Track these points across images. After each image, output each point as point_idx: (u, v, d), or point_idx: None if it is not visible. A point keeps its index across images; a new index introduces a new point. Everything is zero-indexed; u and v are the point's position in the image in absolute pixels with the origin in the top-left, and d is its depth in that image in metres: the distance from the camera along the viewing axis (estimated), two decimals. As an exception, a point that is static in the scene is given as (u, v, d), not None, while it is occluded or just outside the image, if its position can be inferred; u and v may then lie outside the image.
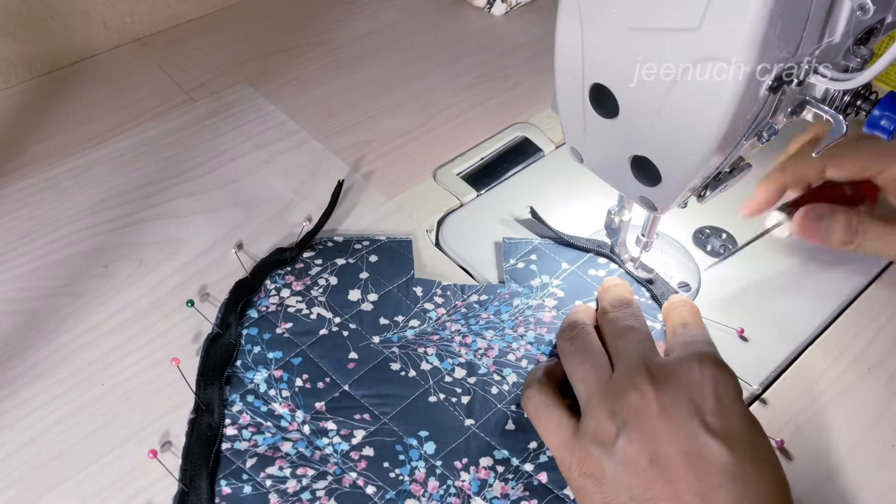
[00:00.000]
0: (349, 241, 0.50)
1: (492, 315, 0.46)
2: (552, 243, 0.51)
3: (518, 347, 0.45)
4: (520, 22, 0.74)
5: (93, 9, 0.66)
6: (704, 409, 0.35)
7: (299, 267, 0.48)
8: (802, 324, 0.47)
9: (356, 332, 0.45)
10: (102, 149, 0.59)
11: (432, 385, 0.43)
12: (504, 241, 0.50)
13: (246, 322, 0.45)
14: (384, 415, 0.41)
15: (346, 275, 0.48)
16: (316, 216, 0.53)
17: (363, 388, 0.42)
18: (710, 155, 0.34)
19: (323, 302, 0.46)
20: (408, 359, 0.44)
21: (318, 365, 0.43)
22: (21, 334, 0.46)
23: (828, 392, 0.43)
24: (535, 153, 0.59)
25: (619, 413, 0.36)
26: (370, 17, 0.74)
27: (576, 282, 0.48)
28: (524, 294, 0.47)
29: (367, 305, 0.46)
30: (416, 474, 0.39)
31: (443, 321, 0.46)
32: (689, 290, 0.48)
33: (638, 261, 0.49)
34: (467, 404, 0.42)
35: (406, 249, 0.50)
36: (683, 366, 0.37)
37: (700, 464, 0.33)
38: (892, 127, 0.35)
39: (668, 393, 0.36)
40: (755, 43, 0.29)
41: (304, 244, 0.49)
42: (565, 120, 0.41)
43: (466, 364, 0.44)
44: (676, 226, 0.52)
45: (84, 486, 0.39)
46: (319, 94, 0.64)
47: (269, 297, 0.46)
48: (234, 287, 0.47)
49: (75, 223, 0.53)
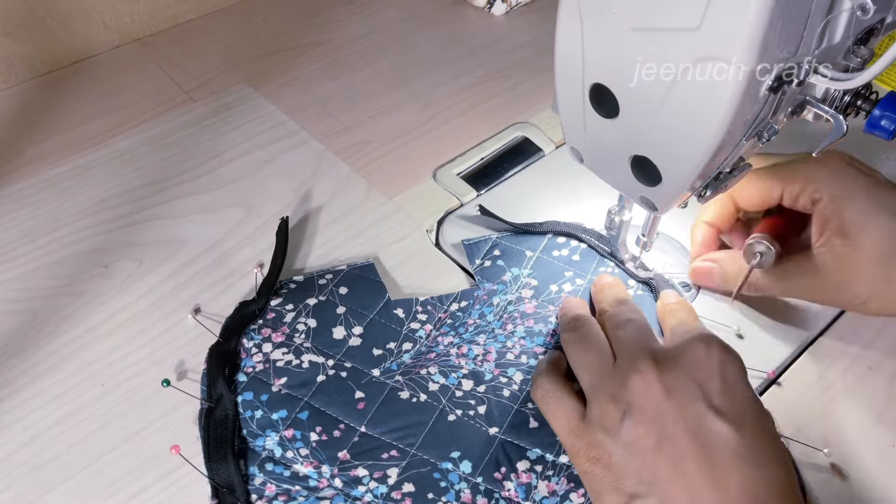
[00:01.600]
0: (311, 278, 0.47)
1: (477, 319, 0.46)
2: (510, 234, 0.51)
3: (513, 345, 0.44)
4: (520, 22, 0.74)
5: (93, 9, 0.66)
6: (710, 390, 0.35)
7: (271, 317, 0.45)
8: (802, 324, 0.47)
9: (354, 370, 0.43)
10: (102, 149, 0.59)
11: (446, 404, 0.42)
12: (463, 244, 0.50)
13: (237, 388, 0.42)
14: (411, 446, 0.40)
15: (322, 314, 0.46)
16: (315, 217, 0.53)
17: (380, 426, 0.41)
18: (711, 155, 0.34)
19: (310, 347, 0.44)
20: (414, 384, 0.42)
21: (328, 413, 0.41)
22: (21, 334, 0.46)
23: (828, 392, 0.43)
24: (535, 153, 0.59)
25: (623, 397, 0.36)
26: (370, 17, 0.74)
27: (544, 267, 0.49)
28: (500, 291, 0.47)
29: (354, 340, 0.44)
30: (463, 496, 0.38)
31: (433, 337, 0.45)
32: (689, 290, 0.48)
33: (638, 261, 0.49)
34: (485, 414, 0.41)
35: (371, 273, 0.48)
36: (689, 347, 0.37)
37: (708, 445, 0.33)
38: (893, 127, 0.35)
39: (673, 374, 0.36)
40: (755, 43, 0.29)
41: (268, 292, 0.46)
42: (565, 120, 0.41)
43: (471, 374, 0.43)
44: (676, 226, 0.52)
45: (84, 486, 0.39)
46: (319, 94, 0.64)
47: (252, 356, 0.43)
48: (210, 354, 0.43)
49: (75, 223, 0.53)
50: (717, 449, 0.33)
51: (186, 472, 0.40)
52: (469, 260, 0.49)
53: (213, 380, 0.42)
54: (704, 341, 0.37)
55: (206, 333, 0.45)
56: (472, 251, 0.50)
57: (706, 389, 0.35)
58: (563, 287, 0.47)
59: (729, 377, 0.36)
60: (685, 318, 0.42)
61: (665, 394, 0.35)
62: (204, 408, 0.41)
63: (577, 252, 0.49)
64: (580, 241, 0.50)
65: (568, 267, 0.49)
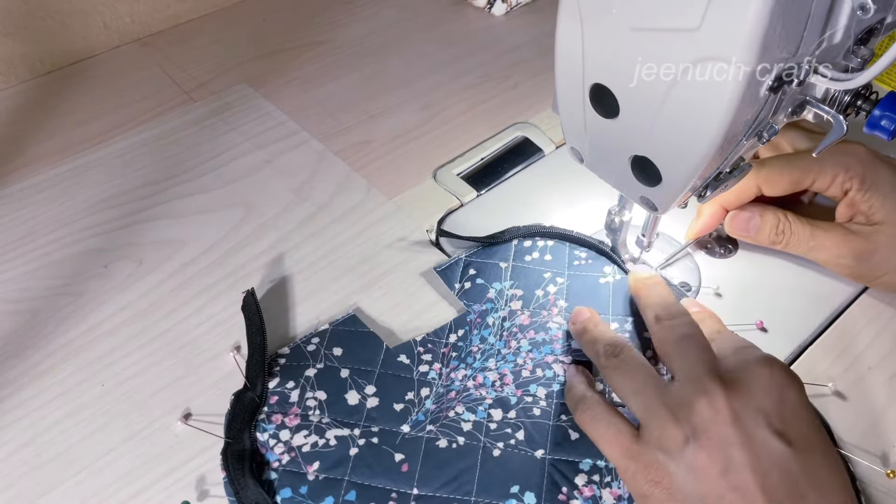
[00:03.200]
0: (297, 347, 0.44)
1: (480, 344, 0.45)
2: (478, 250, 0.50)
3: (524, 362, 0.44)
4: (520, 22, 0.74)
5: (93, 9, 0.66)
6: (776, 416, 0.35)
7: (275, 401, 0.42)
8: (802, 324, 0.47)
9: (383, 432, 0.41)
10: (102, 149, 0.59)
11: (485, 440, 0.41)
12: (436, 272, 0.49)
13: (271, 488, 0.39)
14: (469, 494, 0.39)
15: (328, 382, 0.43)
16: (315, 217, 0.53)
17: (431, 482, 0.39)
18: (711, 155, 0.34)
19: (330, 422, 0.41)
20: (448, 429, 0.41)
21: (375, 486, 0.39)
22: (21, 334, 0.46)
23: (828, 392, 0.43)
24: (535, 153, 0.59)
25: (688, 419, 0.35)
26: (370, 17, 0.74)
27: (523, 274, 0.48)
28: (491, 310, 0.47)
29: (372, 401, 0.42)
30: None
31: (446, 375, 0.44)
32: (689, 290, 0.48)
33: (638, 261, 0.49)
34: (526, 439, 0.41)
35: (357, 325, 0.46)
36: (753, 371, 0.37)
37: (776, 473, 0.33)
38: (893, 127, 0.35)
39: (739, 399, 0.35)
40: (755, 43, 0.29)
41: (261, 375, 0.42)
42: (565, 120, 0.41)
43: (496, 402, 0.42)
44: (676, 226, 0.52)
45: (84, 486, 0.39)
46: (319, 94, 0.64)
47: (273, 449, 0.40)
48: (225, 459, 0.39)
49: (75, 223, 0.53)
50: (783, 476, 0.33)
51: (186, 472, 0.40)
52: (448, 285, 0.48)
53: (241, 487, 0.38)
54: (768, 365, 0.37)
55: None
56: (446, 276, 0.49)
57: (772, 416, 0.35)
58: (547, 290, 0.47)
59: (793, 403, 0.36)
60: (719, 326, 0.43)
61: (732, 420, 0.35)
62: None
63: (547, 251, 0.50)
64: (546, 239, 0.50)
65: (544, 269, 0.49)
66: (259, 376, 0.42)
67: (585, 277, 0.48)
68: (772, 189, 0.47)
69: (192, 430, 0.41)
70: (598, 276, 0.48)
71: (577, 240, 0.50)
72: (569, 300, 0.47)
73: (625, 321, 0.46)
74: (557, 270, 0.49)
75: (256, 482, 0.38)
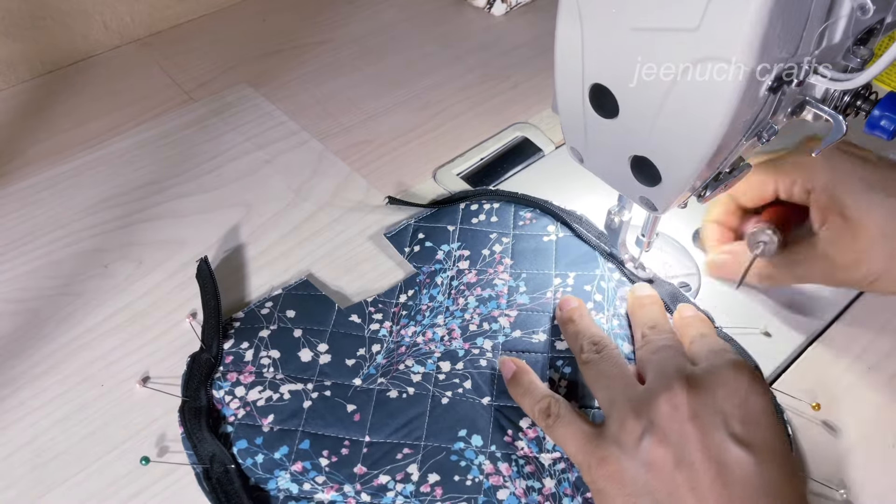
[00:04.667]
0: (251, 311, 0.46)
1: (429, 303, 0.47)
2: (427, 213, 0.52)
3: (471, 317, 0.46)
4: (520, 22, 0.74)
5: (93, 9, 0.66)
6: (735, 419, 0.35)
7: (230, 360, 0.43)
8: (803, 324, 0.47)
9: (335, 386, 0.43)
10: (102, 149, 0.59)
11: (434, 390, 0.43)
12: (386, 237, 0.51)
13: (228, 440, 0.40)
14: (419, 439, 0.41)
15: (281, 342, 0.44)
16: (314, 218, 0.53)
17: (383, 430, 0.41)
18: (710, 155, 0.34)
19: (283, 378, 0.43)
20: (398, 381, 0.43)
21: (328, 435, 0.41)
22: (21, 334, 0.46)
23: (828, 392, 0.43)
24: (535, 153, 0.59)
25: (647, 414, 0.36)
26: (370, 17, 0.74)
27: (470, 236, 0.51)
28: (439, 270, 0.49)
29: (324, 358, 0.44)
30: (486, 468, 0.40)
31: (396, 332, 0.45)
32: (689, 290, 0.48)
33: (638, 261, 0.49)
34: (473, 388, 0.43)
35: (310, 289, 0.47)
36: (718, 373, 0.37)
37: (727, 473, 0.33)
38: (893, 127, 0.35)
39: (701, 399, 0.35)
40: (755, 43, 0.29)
41: (216, 337, 0.44)
42: (565, 120, 0.41)
43: (445, 355, 0.44)
44: (676, 226, 0.52)
45: (84, 486, 0.39)
46: (319, 94, 0.64)
47: (229, 405, 0.41)
48: (182, 416, 0.41)
49: (75, 223, 0.53)
50: (736, 478, 0.33)
51: (186, 472, 0.40)
52: (398, 250, 0.50)
53: (198, 440, 0.40)
54: (735, 368, 0.37)
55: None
56: (397, 241, 0.51)
57: (731, 419, 0.35)
58: (493, 249, 0.50)
59: (756, 408, 0.35)
60: (706, 329, 0.42)
61: (691, 418, 0.35)
62: (199, 472, 0.39)
63: (493, 213, 0.52)
64: (492, 202, 0.52)
65: (490, 230, 0.51)
66: (214, 338, 0.44)
67: (530, 236, 0.51)
68: (743, 198, 0.47)
69: (150, 392, 0.41)
70: (542, 234, 0.51)
71: (523, 200, 0.53)
72: (514, 258, 0.49)
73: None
74: (503, 231, 0.51)
75: (213, 435, 0.40)
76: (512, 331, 0.45)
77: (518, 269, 0.49)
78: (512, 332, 0.45)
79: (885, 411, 0.43)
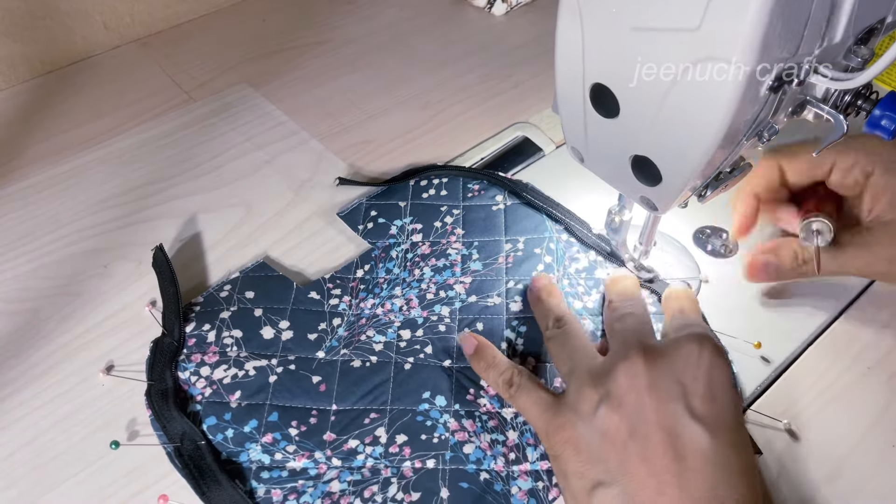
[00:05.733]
0: (210, 294, 0.47)
1: (385, 276, 0.48)
2: (378, 191, 0.54)
3: (427, 286, 0.48)
4: (520, 22, 0.74)
5: (93, 9, 0.66)
6: (693, 393, 0.35)
7: (193, 342, 0.44)
8: (802, 323, 0.47)
9: (299, 359, 0.44)
10: (102, 149, 0.59)
11: (396, 357, 0.44)
12: (340, 216, 0.52)
13: (197, 418, 0.41)
14: (385, 403, 0.42)
15: (242, 321, 0.45)
16: (316, 216, 0.53)
17: (349, 398, 0.42)
18: (711, 155, 0.34)
19: (247, 356, 0.44)
20: (360, 351, 0.44)
21: (295, 407, 0.42)
22: (21, 334, 0.46)
23: (828, 392, 0.43)
24: (535, 153, 0.59)
25: (604, 384, 0.36)
26: (370, 17, 0.74)
27: (421, 210, 0.52)
28: (394, 245, 0.50)
29: (286, 334, 0.45)
30: (451, 425, 0.41)
31: (355, 305, 0.47)
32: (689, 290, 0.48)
33: (638, 260, 0.49)
34: (433, 352, 0.44)
35: (267, 270, 0.48)
36: (681, 345, 0.37)
37: (680, 446, 0.33)
38: (893, 127, 0.35)
39: (659, 370, 0.36)
40: (755, 43, 0.29)
41: (178, 321, 0.45)
42: (565, 120, 0.41)
43: (405, 324, 0.46)
44: (677, 226, 0.52)
45: (84, 486, 0.39)
46: (319, 94, 0.64)
47: (195, 385, 0.42)
48: (149, 398, 0.41)
49: (75, 223, 0.53)
50: (689, 450, 0.33)
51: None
52: (352, 228, 0.52)
53: (167, 420, 0.40)
54: (698, 342, 0.37)
55: None
56: (349, 220, 0.52)
57: (689, 391, 0.35)
58: (445, 221, 0.52)
59: (714, 382, 0.35)
60: (686, 306, 0.42)
61: (648, 388, 0.35)
62: (170, 450, 0.40)
63: (442, 187, 0.54)
64: (440, 177, 0.54)
65: (440, 203, 0.53)
66: (175, 323, 0.45)
67: (479, 207, 0.53)
68: (792, 168, 0.46)
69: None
70: (490, 204, 0.53)
71: (470, 172, 0.55)
72: (465, 228, 0.51)
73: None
74: (453, 203, 0.53)
75: (181, 414, 0.40)
76: (468, 296, 0.47)
77: (470, 238, 0.51)
78: (468, 298, 0.47)
79: (884, 411, 0.42)
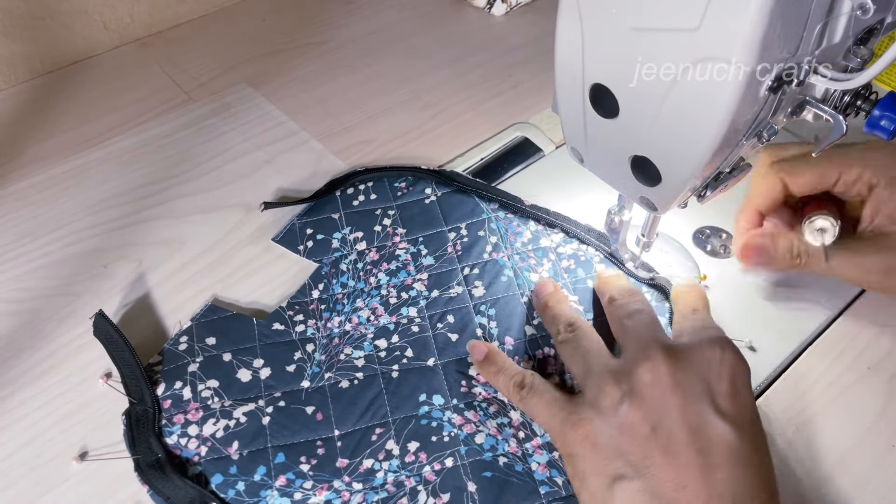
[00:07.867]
0: (168, 351, 0.44)
1: (342, 291, 0.48)
2: (307, 208, 0.53)
3: (387, 292, 0.48)
4: (520, 22, 0.74)
5: (93, 9, 0.66)
6: (717, 392, 0.35)
7: (168, 405, 0.42)
8: (802, 323, 0.47)
9: (286, 394, 0.43)
10: (102, 149, 0.59)
11: (380, 368, 0.44)
12: (276, 241, 0.51)
13: (203, 480, 0.39)
14: (385, 416, 0.42)
15: (214, 371, 0.43)
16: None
17: (348, 420, 0.42)
18: (710, 155, 0.34)
19: (232, 403, 0.42)
20: (344, 371, 0.44)
21: (299, 442, 0.41)
22: (21, 334, 0.46)
23: (828, 392, 0.43)
24: (535, 153, 0.59)
25: (627, 381, 0.36)
26: (370, 17, 0.74)
27: (356, 218, 0.52)
28: (340, 258, 0.50)
29: (264, 372, 0.43)
30: (455, 421, 0.41)
31: (322, 326, 0.46)
32: (689, 290, 0.48)
33: (638, 261, 0.49)
34: (414, 355, 0.44)
35: (219, 313, 0.46)
36: (703, 347, 0.37)
37: (704, 441, 0.34)
38: (893, 127, 0.35)
39: (683, 370, 0.36)
40: (755, 43, 0.29)
41: (146, 386, 0.42)
42: (565, 120, 0.41)
43: (378, 333, 0.45)
44: (676, 226, 0.52)
45: (84, 486, 0.39)
46: (319, 94, 0.64)
47: (188, 447, 0.40)
48: (141, 473, 0.39)
49: (75, 223, 0.53)
50: (714, 445, 0.34)
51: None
52: (291, 250, 0.50)
53: (170, 492, 0.38)
54: (720, 344, 0.37)
55: None
56: (287, 242, 0.51)
57: (713, 390, 0.36)
58: (383, 223, 0.51)
59: (737, 382, 0.36)
60: (699, 304, 0.43)
61: (672, 386, 0.35)
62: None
63: (371, 192, 0.54)
64: (365, 182, 0.54)
65: (374, 206, 0.53)
66: (143, 387, 0.42)
67: (412, 203, 0.53)
68: (796, 184, 0.46)
69: (98, 463, 0.39)
70: (422, 198, 0.53)
71: (393, 170, 0.55)
72: (405, 226, 0.51)
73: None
74: (386, 204, 0.53)
75: (183, 479, 0.38)
76: (429, 292, 0.47)
77: (414, 235, 0.51)
78: (430, 294, 0.47)
79: (884, 411, 0.42)
